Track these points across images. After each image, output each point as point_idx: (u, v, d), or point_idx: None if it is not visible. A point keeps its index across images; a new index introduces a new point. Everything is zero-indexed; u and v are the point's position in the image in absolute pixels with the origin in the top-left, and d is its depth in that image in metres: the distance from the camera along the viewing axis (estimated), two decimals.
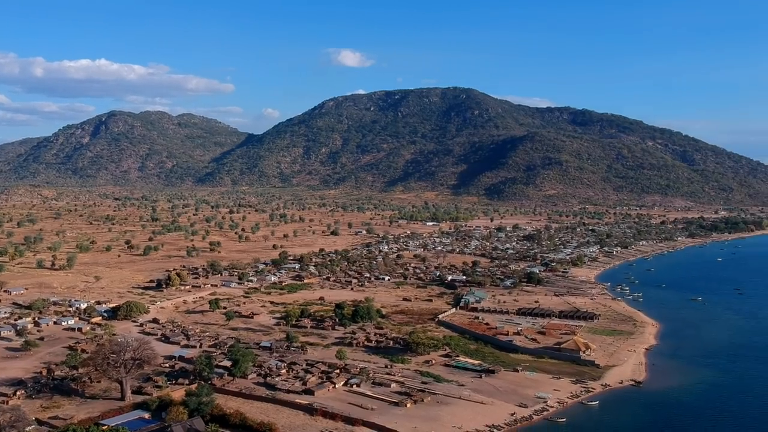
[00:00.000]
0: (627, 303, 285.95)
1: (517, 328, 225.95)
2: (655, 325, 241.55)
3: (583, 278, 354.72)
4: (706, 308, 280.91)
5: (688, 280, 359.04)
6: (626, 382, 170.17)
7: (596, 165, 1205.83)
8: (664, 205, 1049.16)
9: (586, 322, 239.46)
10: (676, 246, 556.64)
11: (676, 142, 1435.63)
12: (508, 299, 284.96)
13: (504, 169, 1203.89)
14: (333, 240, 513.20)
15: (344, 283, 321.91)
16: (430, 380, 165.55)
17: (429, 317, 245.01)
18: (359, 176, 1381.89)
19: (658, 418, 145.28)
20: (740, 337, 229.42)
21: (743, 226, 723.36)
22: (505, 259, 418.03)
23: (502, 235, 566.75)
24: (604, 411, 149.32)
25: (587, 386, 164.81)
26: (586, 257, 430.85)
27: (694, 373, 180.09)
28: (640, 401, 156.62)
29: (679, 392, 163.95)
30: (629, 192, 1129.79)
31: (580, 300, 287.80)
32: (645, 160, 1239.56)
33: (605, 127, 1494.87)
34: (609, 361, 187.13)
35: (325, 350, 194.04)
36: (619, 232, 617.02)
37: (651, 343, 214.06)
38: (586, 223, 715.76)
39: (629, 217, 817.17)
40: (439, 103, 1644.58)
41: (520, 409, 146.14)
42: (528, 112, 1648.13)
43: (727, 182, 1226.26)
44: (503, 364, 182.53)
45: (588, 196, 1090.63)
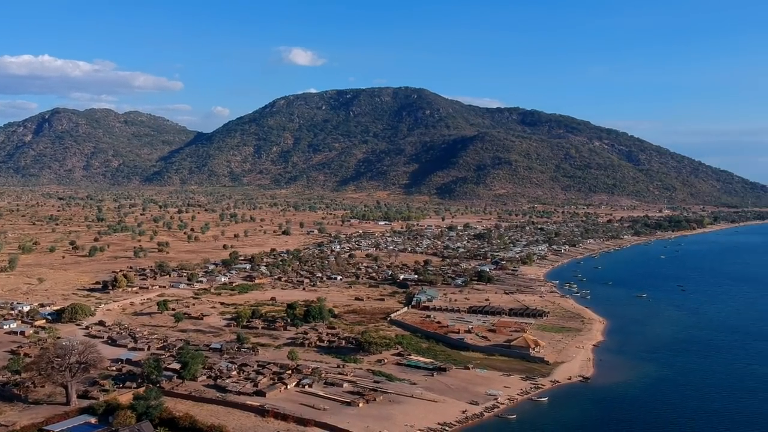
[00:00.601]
0: (575, 300, 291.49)
1: (468, 326, 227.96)
2: (602, 321, 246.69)
3: (532, 276, 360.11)
4: (650, 304, 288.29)
5: (634, 278, 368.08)
6: (575, 378, 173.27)
7: (545, 165, 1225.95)
8: (611, 203, 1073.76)
9: (535, 320, 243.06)
10: (622, 244, 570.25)
11: (622, 142, 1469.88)
12: (459, 297, 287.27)
13: (455, 168, 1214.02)
14: (284, 240, 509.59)
15: (296, 283, 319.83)
16: (383, 379, 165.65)
17: (381, 316, 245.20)
18: (311, 175, 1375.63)
19: (605, 413, 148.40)
20: (682, 332, 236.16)
21: (686, 224, 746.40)
22: (456, 257, 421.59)
23: (454, 234, 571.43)
24: (553, 407, 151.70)
25: (537, 383, 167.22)
26: (536, 255, 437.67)
27: (639, 368, 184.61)
28: (588, 396, 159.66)
29: (624, 387, 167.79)
30: (577, 191, 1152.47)
31: (529, 298, 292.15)
32: (592, 159, 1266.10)
33: (554, 127, 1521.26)
34: (558, 358, 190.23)
35: (276, 351, 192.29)
36: (568, 230, 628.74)
37: (598, 340, 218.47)
38: (535, 221, 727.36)
39: (577, 215, 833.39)
40: (391, 103, 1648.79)
41: (471, 407, 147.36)
42: (478, 113, 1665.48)
43: (671, 182, 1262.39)
44: (455, 362, 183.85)
45: (537, 195, 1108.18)
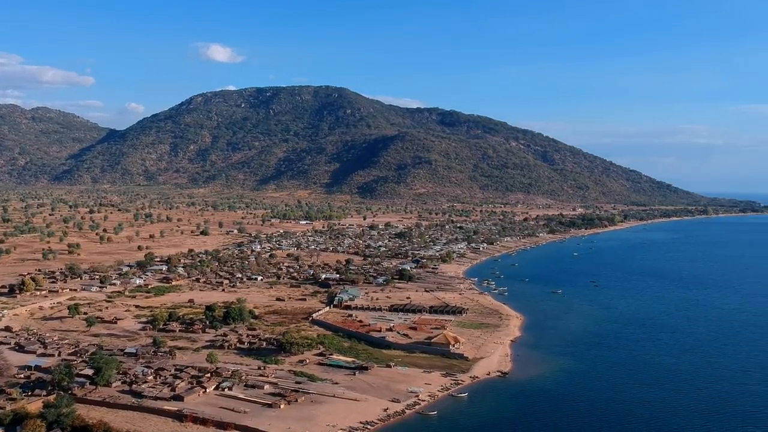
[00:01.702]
0: (493, 297, 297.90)
1: (389, 324, 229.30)
2: (520, 317, 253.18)
3: (452, 274, 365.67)
4: (565, 300, 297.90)
5: (550, 274, 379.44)
6: (493, 374, 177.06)
7: (464, 164, 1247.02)
8: (527, 202, 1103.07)
9: (455, 317, 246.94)
10: (538, 242, 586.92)
11: (537, 142, 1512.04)
12: (380, 296, 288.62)
13: (376, 167, 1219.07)
14: (203, 240, 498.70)
15: (215, 284, 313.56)
16: (304, 380, 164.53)
17: (303, 316, 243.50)
18: (230, 174, 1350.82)
19: (522, 406, 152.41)
20: (594, 326, 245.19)
21: (598, 222, 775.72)
22: (377, 256, 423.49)
23: (375, 233, 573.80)
24: (472, 402, 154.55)
25: (457, 379, 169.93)
26: (455, 254, 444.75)
27: (554, 362, 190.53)
28: (506, 391, 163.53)
29: (541, 380, 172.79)
30: (494, 190, 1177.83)
31: (449, 295, 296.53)
32: (509, 159, 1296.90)
33: (472, 127, 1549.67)
34: (477, 354, 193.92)
35: (195, 354, 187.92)
36: (486, 229, 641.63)
37: (516, 335, 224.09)
38: (454, 220, 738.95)
39: (494, 214, 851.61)
40: (312, 102, 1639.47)
41: (392, 404, 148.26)
42: (399, 112, 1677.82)
43: (584, 181, 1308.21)
44: (376, 360, 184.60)
45: (456, 194, 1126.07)
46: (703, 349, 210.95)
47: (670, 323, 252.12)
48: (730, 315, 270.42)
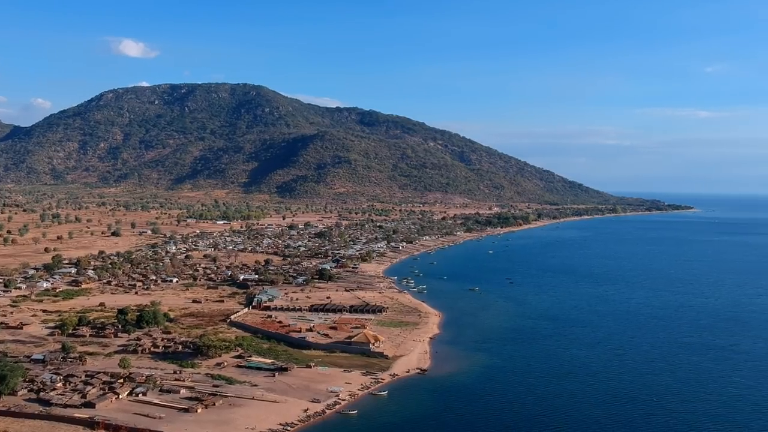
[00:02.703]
0: (412, 295, 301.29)
1: (309, 324, 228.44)
2: (438, 315, 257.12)
3: (371, 273, 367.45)
4: (482, 297, 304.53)
5: (467, 272, 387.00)
6: (413, 371, 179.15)
7: (383, 164, 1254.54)
8: (445, 202, 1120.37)
9: (375, 315, 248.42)
10: (456, 240, 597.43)
11: (454, 143, 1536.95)
12: (300, 296, 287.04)
13: (295, 167, 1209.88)
14: (114, 241, 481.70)
15: (128, 287, 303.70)
16: (222, 383, 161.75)
17: (220, 318, 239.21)
18: (143, 173, 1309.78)
19: (441, 403, 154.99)
20: (510, 321, 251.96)
21: (513, 221, 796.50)
22: (297, 256, 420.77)
23: (295, 232, 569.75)
24: (392, 400, 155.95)
25: (377, 377, 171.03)
26: (375, 253, 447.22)
27: (472, 358, 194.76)
28: (425, 388, 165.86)
29: (459, 376, 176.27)
30: (413, 190, 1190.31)
31: (369, 294, 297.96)
32: (427, 159, 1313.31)
33: (391, 127, 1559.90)
34: (397, 352, 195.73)
35: (107, 359, 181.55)
36: (405, 228, 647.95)
37: (435, 333, 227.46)
38: (374, 220, 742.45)
39: (413, 213, 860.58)
40: (229, 99, 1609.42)
41: (313, 405, 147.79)
42: (318, 112, 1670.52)
43: (499, 181, 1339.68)
44: (296, 361, 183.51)
45: (376, 193, 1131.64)
46: (612, 342, 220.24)
47: (581, 318, 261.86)
48: (636, 309, 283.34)
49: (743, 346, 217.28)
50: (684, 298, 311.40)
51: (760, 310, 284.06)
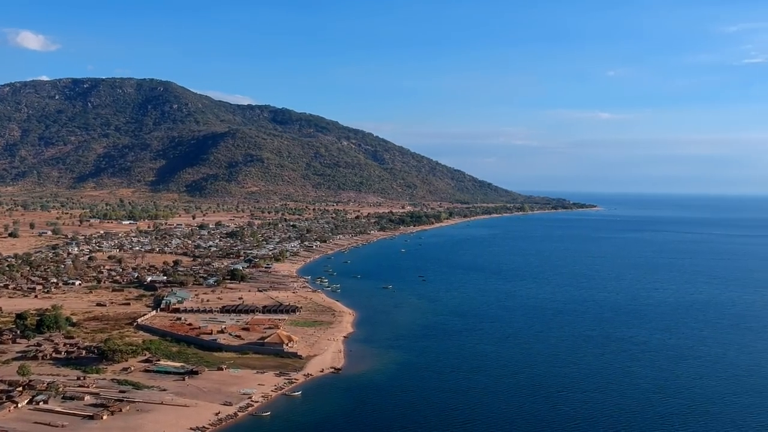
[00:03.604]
0: (326, 294, 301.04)
1: (221, 326, 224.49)
2: (352, 313, 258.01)
3: (285, 273, 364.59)
4: (395, 295, 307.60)
5: (381, 270, 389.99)
6: (327, 370, 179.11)
7: (296, 163, 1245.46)
8: (358, 200, 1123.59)
9: (288, 316, 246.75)
10: (370, 239, 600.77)
11: (368, 142, 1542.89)
12: (211, 298, 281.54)
13: (205, 165, 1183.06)
14: (12, 242, 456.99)
15: (26, 290, 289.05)
16: (129, 388, 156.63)
17: (127, 322, 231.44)
18: (42, 171, 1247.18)
19: (355, 401, 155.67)
20: (422, 318, 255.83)
21: (425, 219, 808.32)
22: (208, 257, 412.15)
23: (205, 232, 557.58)
24: (306, 400, 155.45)
25: (290, 378, 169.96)
26: (288, 252, 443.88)
27: (385, 355, 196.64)
28: (339, 387, 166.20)
29: (372, 374, 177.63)
30: (327, 189, 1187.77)
31: (282, 294, 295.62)
32: (341, 158, 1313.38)
33: (304, 126, 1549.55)
34: (311, 352, 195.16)
35: (4, 366, 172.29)
36: (319, 227, 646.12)
37: (349, 331, 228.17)
38: (287, 219, 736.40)
39: (327, 212, 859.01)
40: (135, 95, 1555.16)
41: (225, 408, 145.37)
42: (229, 109, 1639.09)
43: (412, 180, 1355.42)
44: (207, 363, 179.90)
45: (289, 192, 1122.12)
46: (520, 337, 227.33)
47: (490, 313, 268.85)
48: (543, 304, 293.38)
49: (641, 337, 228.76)
50: (587, 293, 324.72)
51: (655, 303, 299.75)
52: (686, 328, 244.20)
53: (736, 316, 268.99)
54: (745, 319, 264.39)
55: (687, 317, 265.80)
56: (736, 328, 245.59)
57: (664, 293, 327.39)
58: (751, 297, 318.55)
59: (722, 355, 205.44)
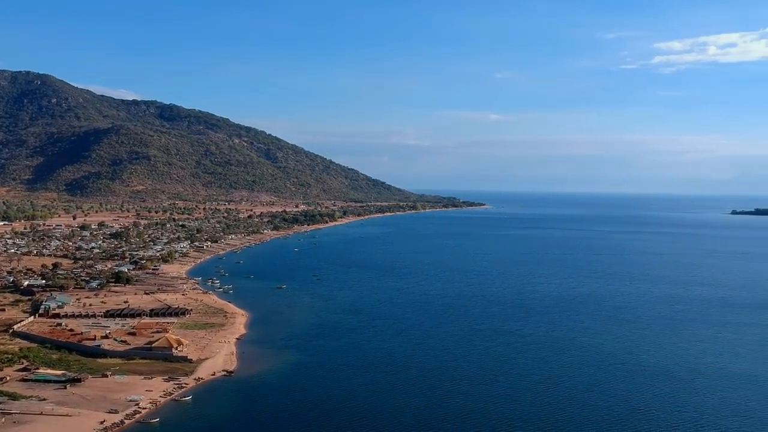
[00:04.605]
0: (218, 296, 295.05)
1: (105, 331, 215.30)
2: (245, 314, 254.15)
3: (174, 274, 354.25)
4: (289, 295, 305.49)
5: (274, 270, 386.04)
6: (218, 373, 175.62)
7: (185, 161, 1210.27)
8: (251, 199, 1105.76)
9: (178, 318, 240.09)
10: (263, 238, 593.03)
11: (260, 140, 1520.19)
12: (95, 302, 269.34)
13: (87, 163, 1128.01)
14: None
15: None
16: (5, 399, 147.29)
17: (2, 329, 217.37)
18: None
19: (249, 403, 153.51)
20: (316, 317, 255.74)
21: (319, 218, 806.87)
22: (90, 259, 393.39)
23: (87, 233, 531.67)
24: (197, 404, 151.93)
25: (180, 382, 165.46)
26: (177, 253, 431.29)
27: (279, 356, 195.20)
28: (231, 390, 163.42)
29: (266, 375, 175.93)
30: (218, 187, 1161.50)
31: (171, 296, 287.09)
32: (232, 156, 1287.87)
33: (193, 123, 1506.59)
34: (201, 355, 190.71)
35: None
36: (209, 226, 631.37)
37: (241, 333, 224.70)
38: (176, 218, 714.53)
39: (218, 212, 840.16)
40: (9, 88, 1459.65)
41: (110, 416, 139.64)
42: (113, 104, 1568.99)
43: (306, 179, 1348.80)
44: (91, 370, 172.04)
45: (178, 191, 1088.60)
46: (412, 333, 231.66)
47: (383, 311, 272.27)
48: (434, 300, 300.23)
49: (527, 330, 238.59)
50: (476, 289, 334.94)
51: (540, 297, 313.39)
52: (569, 321, 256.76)
53: (614, 308, 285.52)
54: (622, 310, 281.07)
55: (569, 310, 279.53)
56: (614, 320, 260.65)
57: (548, 287, 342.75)
58: (627, 290, 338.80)
59: (601, 345, 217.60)
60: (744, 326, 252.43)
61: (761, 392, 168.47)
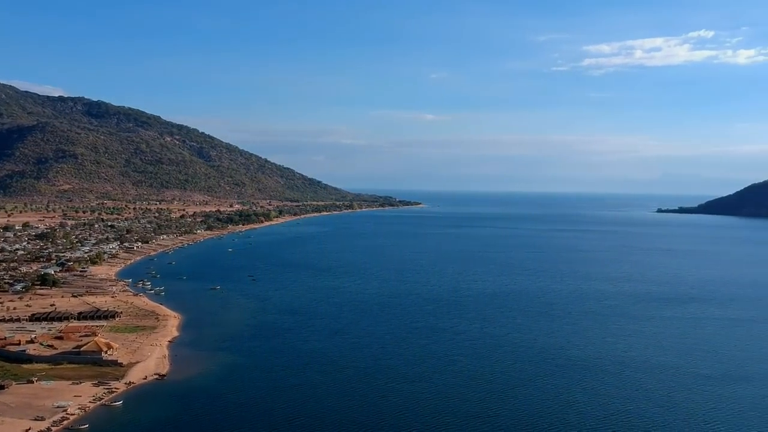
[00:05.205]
0: (149, 298, 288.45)
1: (30, 335, 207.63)
2: (177, 316, 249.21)
3: (103, 276, 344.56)
4: (223, 296, 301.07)
5: (208, 271, 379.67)
6: (150, 377, 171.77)
7: (114, 159, 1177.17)
8: (184, 199, 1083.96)
9: (107, 321, 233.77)
10: (196, 239, 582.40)
11: (193, 138, 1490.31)
12: (19, 305, 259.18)
13: (10, 161, 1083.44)
14: None
15: None
16: None
17: None
18: None
19: (180, 406, 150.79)
20: (251, 318, 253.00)
21: (255, 218, 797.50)
22: (14, 261, 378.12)
23: (11, 234, 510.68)
24: (128, 409, 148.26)
25: (110, 387, 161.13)
26: (106, 254, 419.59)
27: (213, 358, 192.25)
28: (164, 393, 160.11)
29: (199, 378, 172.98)
30: (149, 187, 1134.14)
31: (100, 299, 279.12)
32: (164, 155, 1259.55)
33: (123, 120, 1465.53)
34: (132, 359, 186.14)
35: None
36: (140, 227, 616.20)
37: (174, 335, 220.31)
38: (105, 219, 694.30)
39: (149, 211, 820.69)
40: None
41: (36, 423, 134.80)
42: (38, 101, 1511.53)
43: (240, 178, 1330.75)
44: (15, 377, 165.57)
45: (106, 191, 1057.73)
46: (349, 332, 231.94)
47: (320, 310, 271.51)
48: (370, 299, 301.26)
49: (461, 327, 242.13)
50: (412, 287, 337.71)
51: (474, 294, 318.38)
52: (502, 317, 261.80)
53: (546, 305, 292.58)
54: (553, 307, 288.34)
55: (503, 307, 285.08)
56: (546, 316, 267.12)
57: (482, 285, 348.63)
58: (558, 286, 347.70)
59: (533, 340, 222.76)
60: (668, 320, 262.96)
61: (683, 384, 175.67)
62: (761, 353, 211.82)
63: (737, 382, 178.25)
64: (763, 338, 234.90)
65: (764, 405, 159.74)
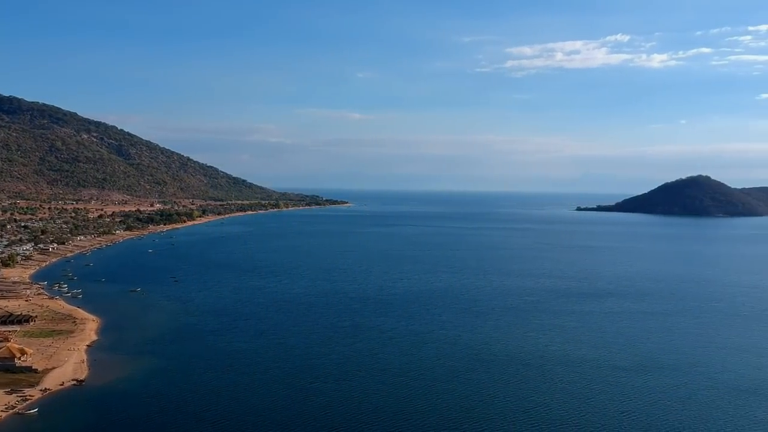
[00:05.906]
0: (66, 301, 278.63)
1: None
2: (96, 320, 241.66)
3: (16, 279, 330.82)
4: (145, 298, 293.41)
5: (128, 272, 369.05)
6: (68, 383, 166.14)
7: (27, 157, 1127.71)
8: (102, 198, 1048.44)
9: (21, 326, 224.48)
10: (115, 239, 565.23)
11: (111, 135, 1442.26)
12: None
13: None
14: None
15: None
16: None
17: None
18: None
19: (99, 412, 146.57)
20: (174, 321, 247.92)
21: (177, 217, 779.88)
22: None
23: None
24: (44, 417, 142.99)
25: (25, 394, 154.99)
26: (19, 256, 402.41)
27: (133, 362, 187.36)
28: (82, 399, 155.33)
29: (120, 383, 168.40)
30: (65, 186, 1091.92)
31: (13, 302, 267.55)
32: (81, 153, 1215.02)
33: (37, 116, 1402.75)
34: (48, 364, 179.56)
35: None
36: (56, 227, 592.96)
37: (92, 339, 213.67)
38: (17, 219, 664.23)
39: (66, 211, 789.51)
40: None
41: None
42: None
43: (161, 176, 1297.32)
44: None
45: (19, 190, 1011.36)
46: (274, 332, 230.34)
47: (245, 311, 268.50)
48: (296, 298, 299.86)
49: (388, 325, 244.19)
50: (338, 286, 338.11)
51: (400, 293, 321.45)
52: (428, 315, 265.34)
53: (470, 301, 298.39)
54: (477, 303, 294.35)
55: (428, 304, 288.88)
56: (469, 312, 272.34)
57: (408, 283, 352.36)
58: (481, 283, 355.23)
59: (458, 336, 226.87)
60: (586, 315, 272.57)
61: (600, 376, 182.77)
62: (672, 344, 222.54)
63: (650, 371, 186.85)
64: (674, 330, 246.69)
65: (675, 393, 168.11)
